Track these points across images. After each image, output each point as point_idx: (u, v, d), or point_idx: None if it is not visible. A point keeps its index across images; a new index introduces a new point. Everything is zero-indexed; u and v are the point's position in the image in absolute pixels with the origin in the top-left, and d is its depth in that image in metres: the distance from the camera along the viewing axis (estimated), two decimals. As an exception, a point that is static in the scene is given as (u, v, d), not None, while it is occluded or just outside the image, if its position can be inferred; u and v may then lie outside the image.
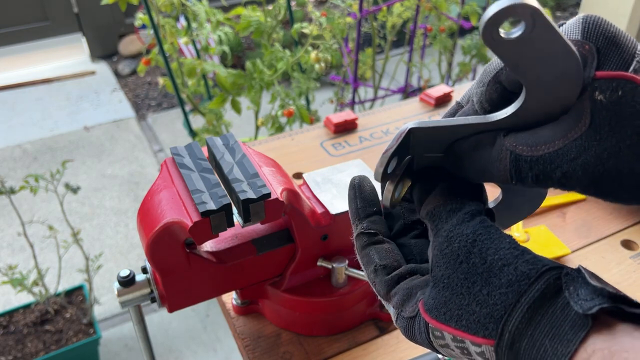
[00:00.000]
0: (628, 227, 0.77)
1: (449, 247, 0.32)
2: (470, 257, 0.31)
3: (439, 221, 0.34)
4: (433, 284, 0.33)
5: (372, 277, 0.36)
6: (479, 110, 0.35)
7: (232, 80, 1.42)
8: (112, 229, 2.04)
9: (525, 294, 0.29)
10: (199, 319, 1.74)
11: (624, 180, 0.29)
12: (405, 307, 0.34)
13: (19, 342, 1.46)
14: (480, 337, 0.30)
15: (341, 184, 0.62)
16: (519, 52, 0.28)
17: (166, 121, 2.70)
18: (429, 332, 0.32)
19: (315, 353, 0.61)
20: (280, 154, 0.90)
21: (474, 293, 0.30)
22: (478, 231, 0.32)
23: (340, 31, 1.47)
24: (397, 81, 2.53)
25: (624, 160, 0.28)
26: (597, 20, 0.30)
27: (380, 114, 1.01)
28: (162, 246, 0.50)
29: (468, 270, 0.31)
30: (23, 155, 2.43)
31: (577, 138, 0.29)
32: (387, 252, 0.37)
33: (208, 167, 0.51)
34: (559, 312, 0.28)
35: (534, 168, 0.30)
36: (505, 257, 0.30)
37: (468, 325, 0.30)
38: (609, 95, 0.28)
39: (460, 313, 0.31)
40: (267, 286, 0.62)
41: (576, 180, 0.30)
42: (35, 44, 3.08)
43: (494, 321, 0.29)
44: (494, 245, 0.31)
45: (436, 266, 0.33)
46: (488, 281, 0.30)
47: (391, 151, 0.34)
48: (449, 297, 0.31)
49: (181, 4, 1.39)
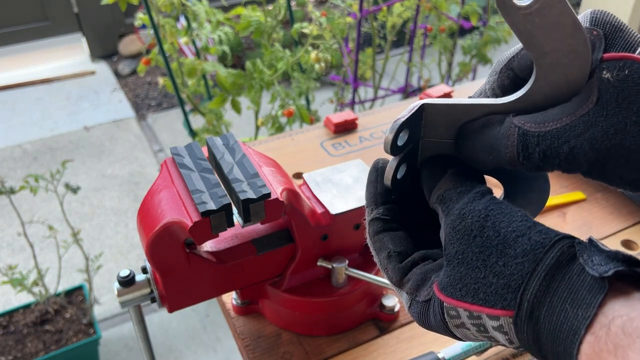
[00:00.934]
0: (628, 227, 0.77)
1: (462, 223, 0.32)
2: (483, 230, 0.31)
3: (450, 202, 0.34)
4: (447, 262, 0.33)
5: (385, 263, 0.36)
6: (490, 95, 0.35)
7: (232, 80, 1.42)
8: (112, 229, 2.04)
9: (542, 262, 0.29)
10: (199, 319, 1.74)
11: (630, 157, 0.30)
12: (419, 291, 0.34)
13: (19, 342, 1.46)
14: (499, 309, 0.30)
15: (341, 184, 0.62)
16: (531, 23, 0.30)
17: (166, 121, 2.70)
18: (444, 312, 0.32)
19: (315, 353, 0.61)
20: (280, 154, 0.90)
21: (490, 265, 0.31)
22: (490, 207, 0.32)
23: (340, 31, 1.47)
24: (397, 81, 2.53)
25: (631, 136, 0.29)
26: (603, 12, 0.32)
27: (380, 114, 1.01)
28: (162, 246, 0.50)
29: (482, 244, 0.31)
30: (23, 155, 2.43)
31: (585, 114, 0.30)
32: (401, 239, 0.37)
33: (208, 167, 0.51)
34: (575, 277, 0.28)
35: (541, 144, 0.31)
36: (519, 229, 0.30)
37: (485, 298, 0.30)
38: (616, 74, 0.29)
39: (476, 287, 0.31)
40: (267, 286, 0.62)
41: (583, 155, 0.30)
42: (35, 44, 3.08)
43: (512, 291, 0.29)
44: (507, 219, 0.31)
45: (450, 244, 0.33)
46: (503, 252, 0.30)
47: (402, 120, 0.34)
48: (465, 272, 0.31)
49: (181, 4, 1.39)
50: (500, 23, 1.95)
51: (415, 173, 0.38)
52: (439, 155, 0.37)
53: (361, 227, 0.61)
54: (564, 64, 0.30)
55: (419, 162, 0.37)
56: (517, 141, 0.31)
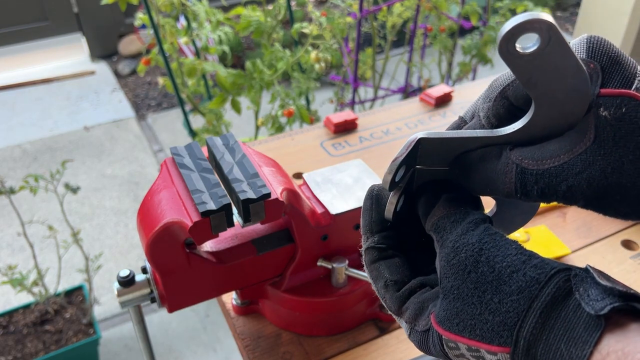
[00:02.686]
0: (628, 227, 0.77)
1: (456, 258, 0.32)
2: (478, 266, 0.31)
3: (444, 232, 0.34)
4: (443, 295, 0.33)
5: (383, 292, 0.36)
6: (485, 124, 0.35)
7: (232, 80, 1.42)
8: (112, 229, 2.04)
9: (537, 299, 0.29)
10: (199, 319, 1.74)
11: (626, 194, 0.30)
12: (418, 321, 0.34)
13: (18, 342, 1.46)
14: (496, 346, 0.30)
15: (341, 184, 0.62)
16: (533, 66, 0.29)
17: (166, 121, 2.70)
18: (443, 343, 0.32)
19: (315, 353, 0.61)
20: (280, 154, 0.90)
21: (486, 302, 0.30)
22: (484, 239, 0.32)
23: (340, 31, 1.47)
24: (397, 81, 2.53)
25: (627, 174, 0.29)
26: (600, 40, 0.31)
27: (380, 114, 1.01)
28: (162, 246, 0.50)
29: (477, 280, 0.31)
30: (23, 155, 2.43)
31: (582, 152, 0.30)
32: (397, 267, 0.36)
33: (208, 167, 0.51)
34: (571, 314, 0.28)
35: (540, 182, 0.31)
36: (514, 264, 0.30)
37: (482, 334, 0.30)
38: (613, 112, 0.29)
39: (473, 323, 0.31)
40: (267, 286, 0.62)
41: (580, 194, 0.30)
42: (35, 44, 3.08)
43: (508, 329, 0.29)
44: (501, 253, 0.31)
45: (445, 277, 0.33)
46: (498, 289, 0.30)
47: (400, 159, 0.34)
48: (461, 307, 0.31)
49: (181, 4, 1.39)
50: (500, 23, 1.95)
51: (412, 197, 0.38)
52: (433, 181, 0.36)
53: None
54: (563, 101, 0.30)
55: (414, 187, 0.37)
56: (516, 179, 0.31)
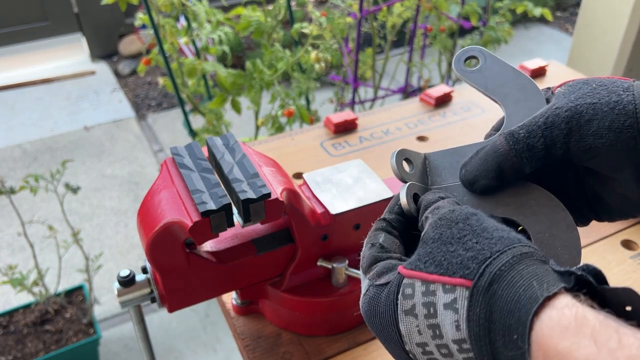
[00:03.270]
0: (628, 227, 0.77)
1: (450, 215, 0.34)
2: (467, 220, 0.33)
3: (443, 208, 0.36)
4: (422, 244, 0.34)
5: (366, 250, 0.38)
6: None
7: (232, 80, 1.42)
8: (112, 229, 2.04)
9: (514, 248, 0.31)
10: (199, 319, 1.74)
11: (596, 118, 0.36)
12: (380, 277, 0.35)
13: (19, 342, 1.46)
14: (458, 277, 0.31)
15: (341, 184, 0.62)
16: (484, 77, 0.42)
17: (166, 121, 2.70)
18: (399, 291, 0.33)
19: (315, 353, 0.61)
20: (280, 154, 0.90)
21: (463, 242, 0.32)
22: (479, 212, 0.35)
23: (340, 31, 1.47)
24: (397, 81, 2.53)
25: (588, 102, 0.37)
26: None
27: (380, 114, 1.01)
28: (162, 246, 0.50)
29: (463, 228, 0.33)
30: (23, 155, 2.43)
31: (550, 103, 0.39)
32: (391, 241, 0.38)
33: (208, 167, 0.51)
34: (541, 266, 0.30)
35: (524, 128, 0.37)
36: (501, 228, 0.33)
37: (448, 267, 0.32)
38: (564, 86, 0.40)
39: (442, 259, 0.32)
40: (267, 286, 0.62)
41: (559, 120, 0.36)
42: (35, 44, 3.08)
43: (477, 262, 0.31)
44: (491, 221, 0.34)
45: (431, 229, 0.34)
46: (480, 235, 0.32)
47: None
48: (436, 247, 0.33)
49: (181, 4, 1.39)
50: (500, 23, 1.95)
51: None
52: None
53: (361, 227, 0.61)
54: (522, 99, 0.40)
55: None
56: (505, 136, 0.38)
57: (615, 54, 1.73)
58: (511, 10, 1.96)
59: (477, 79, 0.41)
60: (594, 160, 0.36)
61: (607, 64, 1.76)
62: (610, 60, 1.74)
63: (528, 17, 3.31)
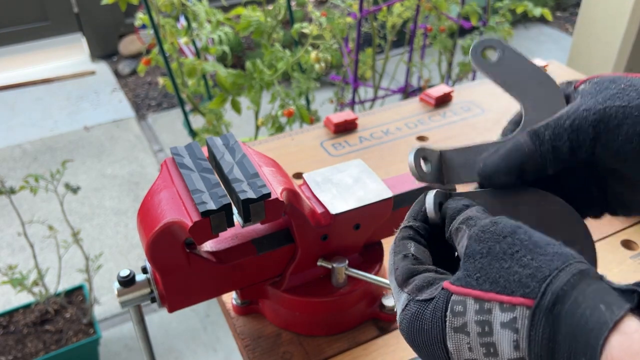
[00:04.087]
0: (628, 227, 0.77)
1: (494, 227, 0.33)
2: (515, 234, 0.32)
3: (478, 220, 0.34)
4: (466, 258, 0.33)
5: (398, 262, 0.36)
6: None
7: (232, 80, 1.42)
8: (112, 229, 2.04)
9: (571, 265, 0.29)
10: (199, 319, 1.74)
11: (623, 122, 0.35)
12: (422, 292, 0.34)
13: (19, 342, 1.46)
14: (518, 297, 0.29)
15: (341, 184, 0.62)
16: (502, 71, 0.40)
17: (166, 121, 2.70)
18: (448, 308, 0.31)
19: (315, 353, 0.61)
20: (280, 154, 0.90)
21: (517, 258, 0.30)
22: (522, 225, 0.33)
23: (340, 31, 1.47)
24: (397, 81, 2.53)
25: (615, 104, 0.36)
26: None
27: (380, 114, 1.01)
28: (162, 246, 0.50)
29: (513, 242, 0.31)
30: (23, 155, 2.43)
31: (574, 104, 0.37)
32: (423, 252, 0.37)
33: (208, 167, 0.51)
34: (603, 285, 0.28)
35: (549, 127, 0.36)
36: (552, 242, 0.31)
37: (505, 285, 0.30)
38: (589, 83, 0.38)
39: (497, 276, 0.31)
40: (267, 286, 0.62)
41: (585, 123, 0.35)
42: (35, 44, 3.08)
43: (537, 281, 0.29)
44: (539, 234, 0.32)
45: (475, 242, 0.33)
46: (533, 251, 0.30)
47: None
48: (487, 263, 0.31)
49: (181, 4, 1.39)
50: (500, 23, 1.95)
51: None
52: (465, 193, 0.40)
53: (361, 227, 0.61)
54: (541, 97, 0.39)
55: None
56: (530, 135, 0.37)
57: (615, 54, 1.72)
58: (511, 10, 1.96)
59: (495, 73, 0.40)
60: (619, 164, 0.35)
61: (607, 64, 1.76)
62: (610, 60, 1.74)
63: (528, 17, 3.31)
